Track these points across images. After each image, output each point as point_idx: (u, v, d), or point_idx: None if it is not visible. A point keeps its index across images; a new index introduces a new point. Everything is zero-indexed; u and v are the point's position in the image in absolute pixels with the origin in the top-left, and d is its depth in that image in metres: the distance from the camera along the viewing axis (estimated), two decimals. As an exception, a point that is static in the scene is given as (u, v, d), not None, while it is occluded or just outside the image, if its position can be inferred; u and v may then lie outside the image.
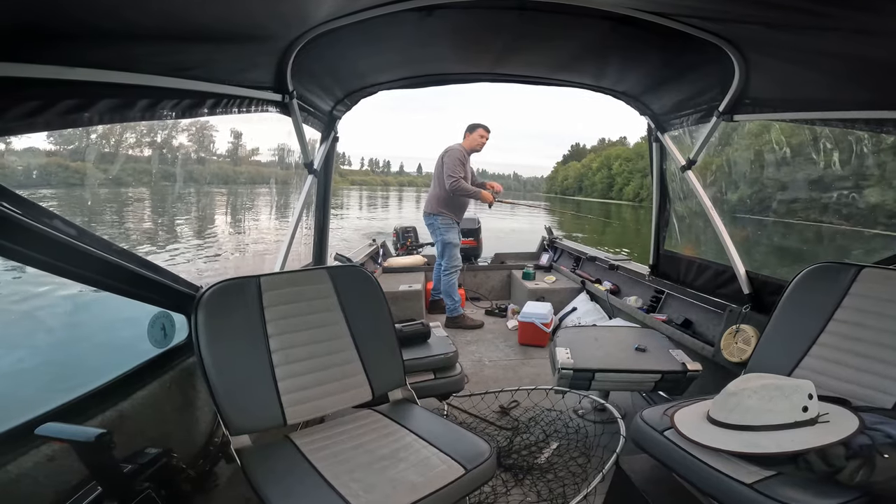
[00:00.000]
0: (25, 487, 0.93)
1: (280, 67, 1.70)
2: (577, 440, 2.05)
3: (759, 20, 1.39)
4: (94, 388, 1.19)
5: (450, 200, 3.61)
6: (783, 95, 1.90)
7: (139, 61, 1.11)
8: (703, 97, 2.19)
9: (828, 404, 1.24)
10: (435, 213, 3.65)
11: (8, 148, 6.90)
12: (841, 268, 1.58)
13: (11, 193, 0.93)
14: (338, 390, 1.50)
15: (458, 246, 3.69)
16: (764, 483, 1.07)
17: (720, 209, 2.42)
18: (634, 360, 2.02)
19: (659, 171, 2.87)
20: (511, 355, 3.19)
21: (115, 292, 1.25)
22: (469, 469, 1.19)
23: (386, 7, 1.52)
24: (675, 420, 1.31)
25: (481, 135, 3.65)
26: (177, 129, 51.21)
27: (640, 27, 1.63)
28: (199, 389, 1.49)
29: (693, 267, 2.72)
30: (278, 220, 7.46)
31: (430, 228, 3.72)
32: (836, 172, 7.44)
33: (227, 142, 77.04)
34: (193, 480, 1.34)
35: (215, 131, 71.58)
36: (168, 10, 0.99)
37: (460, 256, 3.77)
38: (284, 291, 1.52)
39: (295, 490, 1.13)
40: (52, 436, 0.93)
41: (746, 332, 2.08)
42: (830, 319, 1.53)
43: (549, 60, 2.27)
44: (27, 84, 0.87)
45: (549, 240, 5.03)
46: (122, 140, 13.53)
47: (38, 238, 0.97)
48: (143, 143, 18.97)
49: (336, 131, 2.52)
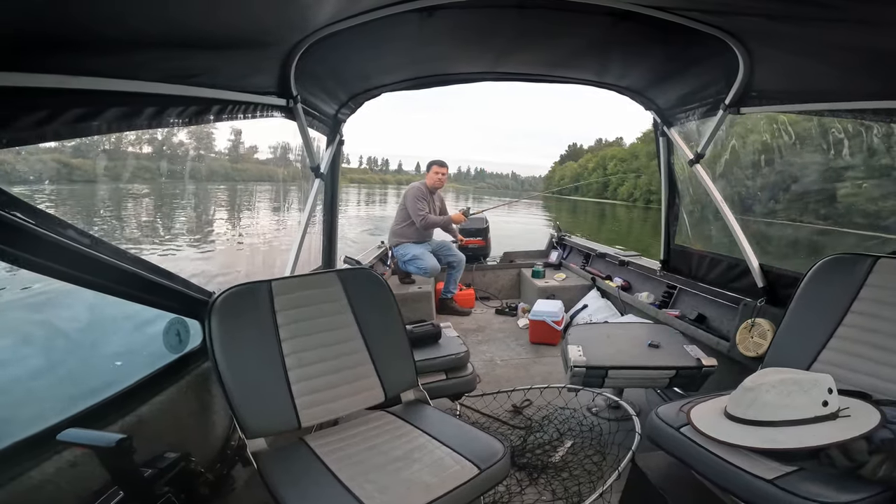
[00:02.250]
0: (48, 493, 0.94)
1: (284, 72, 1.71)
2: (591, 438, 2.03)
3: (762, 12, 1.38)
4: (113, 393, 1.21)
5: (407, 231, 3.80)
6: (789, 87, 1.88)
7: (145, 69, 1.12)
8: (709, 90, 2.17)
9: (848, 398, 1.21)
10: (393, 245, 3.86)
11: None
12: (857, 258, 1.55)
13: (25, 204, 0.94)
14: (350, 392, 1.50)
15: (423, 254, 3.73)
16: (785, 479, 1.06)
17: (730, 202, 2.40)
18: (648, 357, 2.00)
19: (667, 166, 2.84)
20: (522, 354, 3.17)
21: (130, 300, 1.27)
22: (483, 469, 1.19)
23: (387, 8, 1.53)
24: (692, 416, 1.29)
25: (435, 171, 3.86)
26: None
27: (642, 22, 1.62)
28: (215, 394, 1.50)
29: (705, 261, 2.69)
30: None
31: (399, 259, 3.86)
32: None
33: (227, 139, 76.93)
34: (211, 484, 1.35)
35: (214, 129, 71.70)
36: (172, 17, 0.99)
37: (455, 250, 3.99)
38: (295, 295, 1.53)
39: (311, 492, 1.14)
40: (74, 441, 0.94)
41: (762, 326, 2.06)
42: (848, 311, 1.50)
43: (552, 57, 2.26)
44: (35, 93, 0.87)
45: (558, 237, 5.00)
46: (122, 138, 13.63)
47: (53, 248, 0.98)
48: (143, 141, 19.14)
49: (341, 134, 2.53)
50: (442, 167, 3.88)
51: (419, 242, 3.82)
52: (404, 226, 3.81)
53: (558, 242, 4.98)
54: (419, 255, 3.68)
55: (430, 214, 3.75)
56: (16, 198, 0.92)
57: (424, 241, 3.87)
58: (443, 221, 3.84)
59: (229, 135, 49.78)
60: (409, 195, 3.79)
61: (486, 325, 3.78)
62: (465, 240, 4.49)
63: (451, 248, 3.99)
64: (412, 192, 3.79)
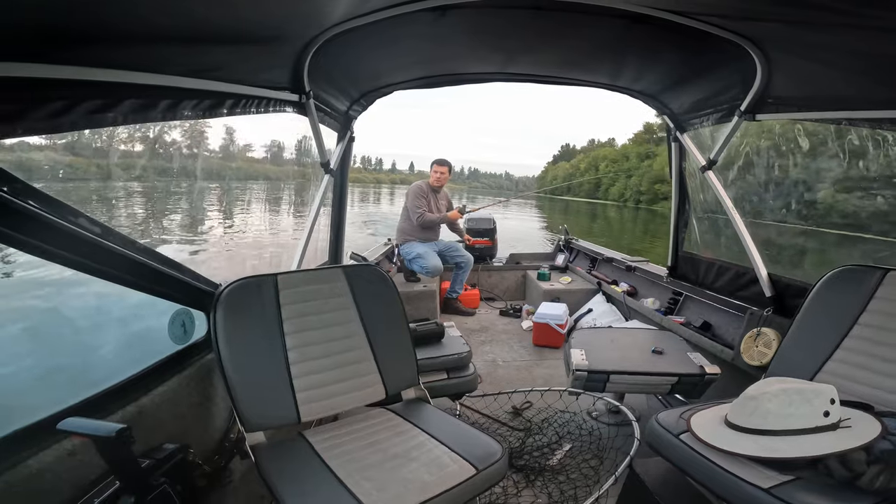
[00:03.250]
0: (46, 482, 0.95)
1: (297, 68, 1.72)
2: (590, 442, 2.03)
3: (781, 18, 1.36)
4: (115, 383, 1.21)
5: (412, 229, 3.86)
6: (807, 94, 1.85)
7: (161, 62, 1.13)
8: (724, 96, 2.15)
9: (850, 409, 1.20)
10: (401, 242, 3.91)
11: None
12: (866, 270, 1.53)
13: (40, 193, 0.95)
14: (351, 389, 1.51)
15: (427, 253, 3.76)
16: (781, 488, 1.05)
17: (741, 209, 2.37)
18: (651, 363, 1.99)
19: (678, 171, 2.82)
20: (525, 356, 3.17)
21: (139, 289, 1.27)
22: (480, 469, 1.19)
23: (401, 7, 1.53)
24: (692, 423, 1.29)
25: (435, 170, 3.94)
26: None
27: (657, 25, 1.60)
28: (217, 386, 1.51)
29: (713, 269, 2.67)
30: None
31: (405, 257, 3.89)
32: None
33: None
34: (208, 476, 1.35)
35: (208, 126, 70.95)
36: (190, 10, 1.00)
37: (462, 250, 4.02)
38: (301, 290, 1.54)
39: (307, 488, 1.15)
40: (74, 430, 0.94)
41: (767, 336, 2.04)
42: (855, 323, 1.49)
43: (565, 59, 2.25)
44: (52, 85, 0.88)
45: (565, 240, 4.98)
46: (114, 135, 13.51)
47: (65, 236, 0.99)
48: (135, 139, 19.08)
49: (352, 131, 2.55)
50: (442, 166, 3.93)
51: (425, 241, 3.84)
52: (408, 224, 3.85)
53: (565, 246, 4.97)
54: (423, 255, 3.70)
55: (426, 212, 3.79)
56: (30, 186, 0.93)
57: (430, 240, 3.89)
58: (438, 219, 3.87)
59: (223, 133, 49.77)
60: (410, 193, 3.88)
61: (490, 326, 3.78)
62: (472, 240, 4.50)
63: (459, 249, 4.00)
64: (413, 190, 3.88)
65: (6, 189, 0.87)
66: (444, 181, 3.96)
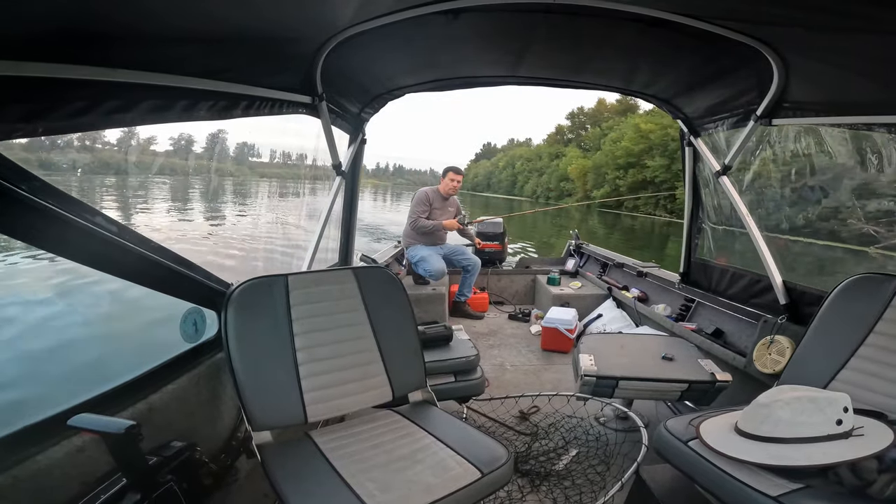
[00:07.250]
0: (54, 478, 0.95)
1: (310, 70, 1.74)
2: (597, 448, 2.01)
3: (798, 22, 1.35)
4: (126, 380, 1.22)
5: (415, 233, 3.89)
6: (825, 99, 1.82)
7: (178, 64, 1.15)
8: (739, 101, 2.13)
9: (863, 417, 1.18)
10: (407, 245, 3.95)
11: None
12: (883, 279, 1.50)
13: (58, 191, 0.97)
14: (359, 390, 1.51)
15: (431, 256, 3.75)
16: (790, 496, 1.03)
17: (756, 216, 2.34)
18: (661, 369, 1.97)
19: (692, 177, 2.79)
20: (533, 360, 3.15)
21: (152, 287, 1.29)
22: (485, 473, 1.19)
23: (413, 10, 1.54)
24: (701, 430, 1.27)
25: (451, 178, 3.91)
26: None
27: (672, 29, 1.59)
28: (226, 384, 1.53)
29: (727, 276, 2.64)
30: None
31: (410, 260, 3.92)
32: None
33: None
34: (215, 475, 1.36)
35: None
36: (209, 11, 1.02)
37: (469, 254, 4.01)
38: (311, 291, 1.55)
39: (311, 487, 1.15)
40: (84, 426, 0.95)
41: (781, 344, 2.01)
42: (871, 332, 1.45)
43: (578, 63, 2.25)
44: (73, 85, 0.90)
45: (576, 245, 4.95)
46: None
47: (83, 235, 1.01)
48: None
49: (364, 133, 2.56)
50: (458, 174, 3.94)
51: (430, 245, 3.86)
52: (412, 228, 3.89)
53: (576, 250, 4.94)
54: (426, 258, 3.71)
55: (420, 218, 3.81)
56: (49, 184, 0.95)
57: (436, 244, 3.91)
58: (432, 226, 3.86)
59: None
60: (414, 198, 3.95)
61: (499, 330, 3.77)
62: (483, 244, 4.50)
63: (466, 252, 4.00)
64: (417, 195, 3.93)
65: (25, 187, 0.89)
66: (456, 190, 3.99)
